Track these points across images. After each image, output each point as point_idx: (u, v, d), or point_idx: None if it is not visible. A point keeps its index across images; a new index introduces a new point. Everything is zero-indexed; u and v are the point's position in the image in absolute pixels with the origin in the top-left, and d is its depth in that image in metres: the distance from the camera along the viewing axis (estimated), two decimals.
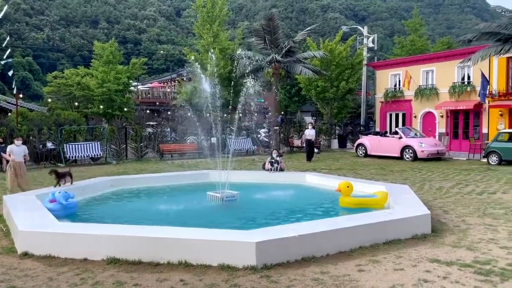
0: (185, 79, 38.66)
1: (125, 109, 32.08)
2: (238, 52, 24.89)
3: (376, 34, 34.33)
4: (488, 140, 21.04)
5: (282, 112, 37.60)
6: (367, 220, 6.36)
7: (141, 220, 7.34)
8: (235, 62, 23.70)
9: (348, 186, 8.46)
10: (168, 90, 49.37)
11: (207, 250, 5.35)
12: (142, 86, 50.70)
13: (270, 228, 5.95)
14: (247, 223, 7.33)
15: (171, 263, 5.36)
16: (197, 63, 24.24)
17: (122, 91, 31.71)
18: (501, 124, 22.65)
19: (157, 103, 44.21)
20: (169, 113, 34.23)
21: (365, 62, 31.12)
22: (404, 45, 39.20)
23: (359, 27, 33.74)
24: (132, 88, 35.58)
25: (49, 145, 19.19)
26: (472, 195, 10.47)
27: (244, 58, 23.55)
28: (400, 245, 6.15)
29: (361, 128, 30.31)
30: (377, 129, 28.39)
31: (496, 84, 22.77)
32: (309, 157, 19.69)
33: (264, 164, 13.42)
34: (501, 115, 22.80)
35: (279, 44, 24.11)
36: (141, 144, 21.40)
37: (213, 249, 5.35)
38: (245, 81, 15.05)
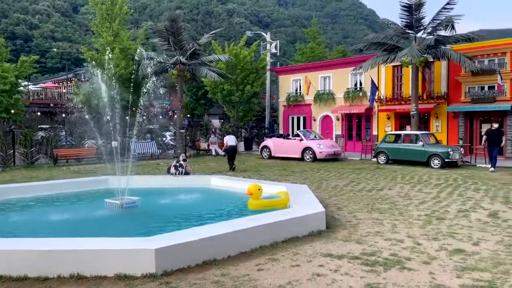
0: (82, 79, 36.34)
1: (13, 111, 29.16)
2: (138, 52, 24.00)
3: (278, 40, 35.76)
4: (377, 141, 23.06)
5: (189, 115, 37.32)
6: (266, 220, 6.53)
7: (30, 233, 6.73)
8: (136, 62, 22.88)
9: (258, 189, 8.63)
10: (64, 90, 45.94)
11: (102, 261, 5.06)
12: (33, 86, 46.57)
13: (170, 234, 5.83)
14: (147, 229, 7.10)
15: (61, 276, 4.97)
16: (94, 63, 22.94)
17: (9, 92, 28.77)
18: (388, 126, 24.99)
19: (51, 105, 40.92)
20: (64, 115, 31.91)
21: (268, 67, 32.20)
22: (305, 52, 41.36)
23: (263, 33, 34.72)
24: (21, 88, 32.43)
25: None
26: (363, 192, 11.38)
27: (146, 59, 22.82)
28: (297, 242, 6.44)
29: (266, 130, 31.24)
30: (281, 132, 29.51)
31: (384, 90, 25.06)
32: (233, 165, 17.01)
33: (169, 168, 13.17)
34: (388, 118, 25.16)
35: (184, 46, 23.82)
36: (32, 149, 19.64)
37: (109, 259, 5.07)
38: (147, 82, 14.61)
